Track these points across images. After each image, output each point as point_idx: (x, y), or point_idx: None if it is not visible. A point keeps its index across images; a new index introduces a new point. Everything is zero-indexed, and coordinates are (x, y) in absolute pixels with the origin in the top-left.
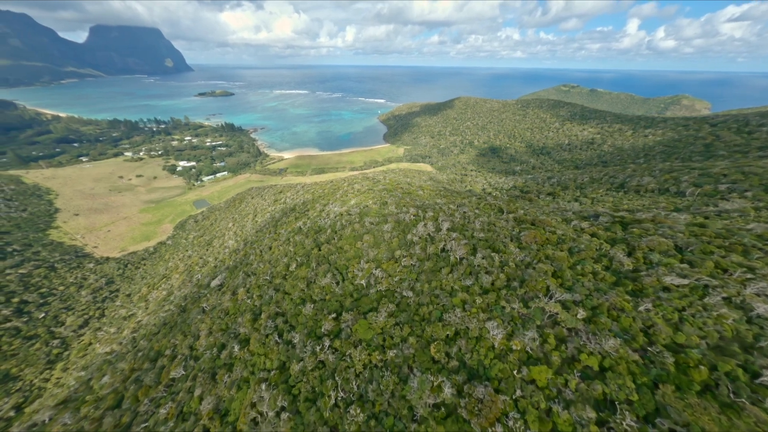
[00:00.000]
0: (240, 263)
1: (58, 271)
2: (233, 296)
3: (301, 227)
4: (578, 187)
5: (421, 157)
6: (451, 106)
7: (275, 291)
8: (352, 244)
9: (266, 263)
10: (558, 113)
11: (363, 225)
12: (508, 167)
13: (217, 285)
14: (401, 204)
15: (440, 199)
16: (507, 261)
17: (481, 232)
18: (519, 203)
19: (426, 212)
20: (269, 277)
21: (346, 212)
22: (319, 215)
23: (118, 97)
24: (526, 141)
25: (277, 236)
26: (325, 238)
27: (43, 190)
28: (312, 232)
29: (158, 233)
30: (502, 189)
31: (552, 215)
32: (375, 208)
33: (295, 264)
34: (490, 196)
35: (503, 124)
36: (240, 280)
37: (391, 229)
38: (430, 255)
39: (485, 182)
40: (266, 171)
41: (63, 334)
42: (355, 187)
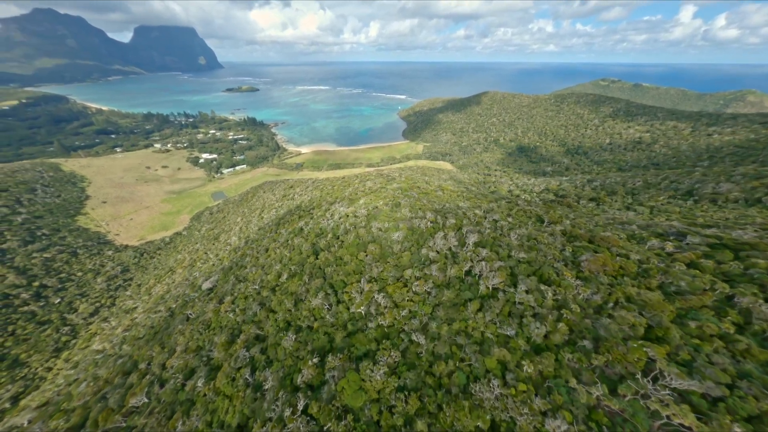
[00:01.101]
0: (235, 265)
1: (79, 257)
2: (218, 306)
3: (302, 227)
4: (629, 192)
5: (441, 155)
6: (477, 101)
7: (260, 306)
8: (354, 255)
9: (259, 268)
10: (598, 109)
11: (369, 231)
12: (537, 167)
13: (208, 289)
14: (416, 207)
15: (463, 202)
16: (566, 300)
17: (521, 251)
18: (560, 210)
19: (446, 218)
20: (258, 287)
21: (352, 214)
22: (323, 215)
23: (155, 93)
24: (559, 139)
25: (276, 236)
26: (324, 244)
27: (78, 178)
28: (312, 235)
29: (176, 223)
30: (532, 191)
31: (610, 229)
32: (385, 211)
33: (287, 273)
34: (522, 200)
35: (533, 121)
36: (229, 285)
37: (402, 238)
38: (451, 279)
39: (511, 183)
40: (283, 165)
41: (74, 322)
42: (366, 185)
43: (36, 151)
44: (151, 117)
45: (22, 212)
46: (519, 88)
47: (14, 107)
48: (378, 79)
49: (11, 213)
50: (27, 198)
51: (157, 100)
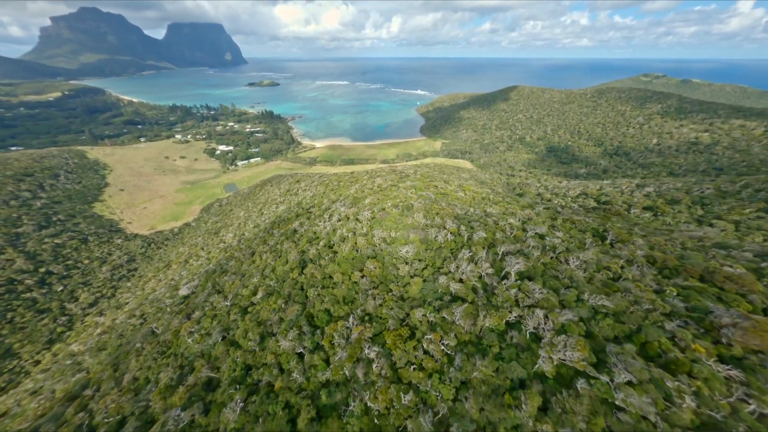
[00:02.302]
0: (219, 268)
1: (89, 244)
2: (184, 322)
3: (296, 229)
4: (697, 201)
5: (461, 153)
6: (504, 97)
7: (223, 335)
8: (348, 273)
9: (239, 277)
10: (643, 105)
11: (371, 241)
12: (568, 169)
13: (184, 296)
14: (433, 211)
15: (490, 206)
16: (712, 406)
17: (600, 295)
18: (618, 222)
19: (473, 229)
20: (230, 303)
21: (353, 216)
22: (321, 215)
23: (183, 86)
24: (595, 139)
25: (268, 238)
26: (315, 253)
27: (100, 166)
28: (304, 240)
29: (187, 214)
30: (566, 196)
31: (712, 256)
32: (394, 215)
33: (263, 291)
34: (564, 207)
35: (565, 118)
36: (203, 296)
37: (412, 255)
38: (484, 334)
39: (539, 185)
40: (297, 159)
41: (72, 312)
42: (375, 182)
43: (69, 139)
44: (176, 109)
45: (43, 197)
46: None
47: (57, 98)
48: (397, 74)
49: (32, 198)
50: (49, 183)
51: (183, 94)
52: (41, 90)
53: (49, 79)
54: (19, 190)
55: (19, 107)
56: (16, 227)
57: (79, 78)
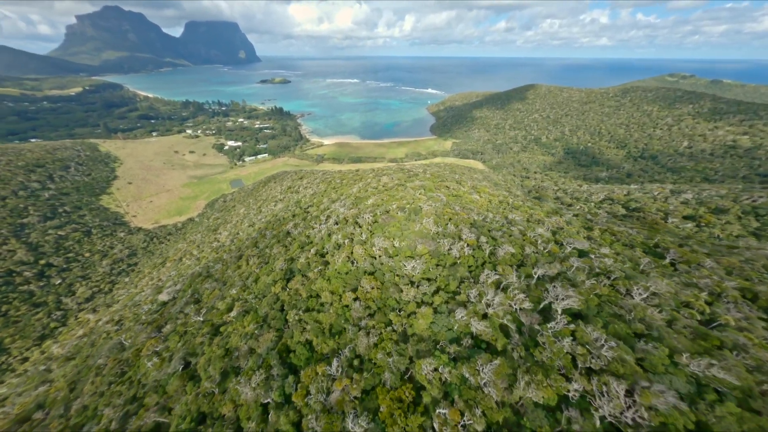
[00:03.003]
0: (204, 273)
1: (92, 237)
2: (147, 340)
3: (289, 231)
4: (749, 212)
5: (472, 153)
6: (520, 96)
7: (183, 363)
8: (337, 293)
9: (220, 286)
10: (672, 105)
11: (369, 251)
12: (588, 172)
13: (163, 302)
14: (445, 216)
15: (512, 212)
16: None
17: (702, 357)
18: (670, 237)
19: (496, 241)
20: (202, 319)
21: (352, 219)
22: (317, 216)
23: (197, 83)
24: (618, 140)
25: (260, 239)
26: (303, 263)
27: (111, 158)
28: (296, 244)
29: (191, 209)
30: (588, 201)
31: None
32: (399, 219)
33: (240, 308)
34: (594, 214)
35: (585, 118)
36: (179, 305)
37: (419, 273)
38: (525, 410)
39: (556, 188)
40: (304, 156)
41: (68, 306)
42: (380, 181)
43: (86, 132)
44: (188, 105)
45: (51, 188)
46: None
47: (78, 93)
48: (409, 73)
49: (41, 188)
50: (59, 175)
51: (197, 90)
52: (64, 85)
53: (73, 75)
54: (29, 180)
55: (43, 101)
56: (22, 218)
57: (101, 74)
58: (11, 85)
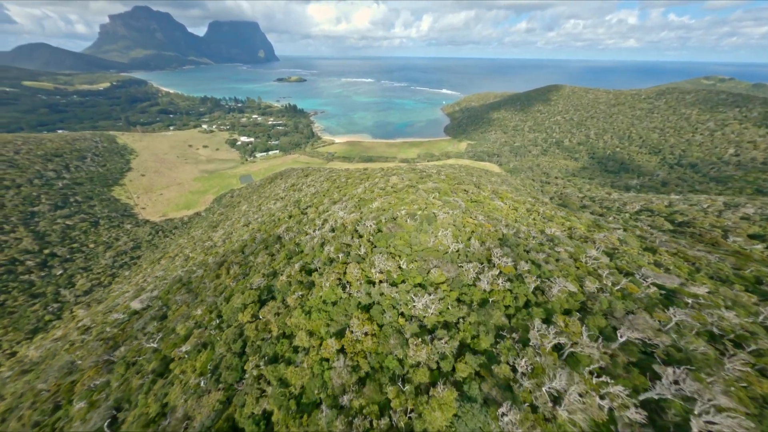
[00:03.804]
0: (182, 281)
1: (98, 228)
2: (93, 367)
3: (281, 236)
4: None
5: (488, 155)
6: (543, 97)
7: (112, 414)
8: (317, 336)
9: (189, 301)
10: (715, 109)
11: (367, 273)
12: (616, 179)
13: (134, 311)
14: (466, 228)
15: (546, 224)
16: None
17: None
18: (755, 264)
19: (543, 271)
20: (154, 348)
21: (350, 226)
22: (314, 219)
23: (217, 80)
24: (651, 145)
25: (249, 243)
26: (284, 282)
27: (127, 150)
28: (284, 253)
29: (200, 203)
30: (620, 210)
31: None
32: (408, 229)
33: (195, 340)
34: (639, 228)
35: (613, 121)
36: (143, 321)
37: (435, 311)
38: None
39: (581, 195)
40: (315, 153)
41: (65, 299)
42: (389, 181)
43: (108, 125)
44: (206, 101)
45: (66, 178)
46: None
47: (106, 88)
48: (424, 73)
49: (56, 178)
50: (75, 165)
51: (216, 87)
52: (94, 80)
53: (102, 71)
54: (46, 169)
55: (73, 95)
56: (34, 206)
57: (129, 71)
58: (46, 79)
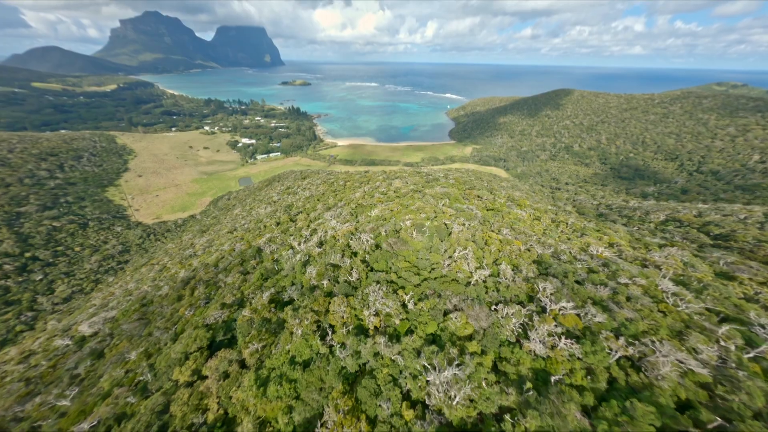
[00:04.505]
0: (145, 300)
1: (87, 230)
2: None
3: (261, 248)
4: None
5: (494, 160)
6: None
7: None
8: (273, 427)
9: (134, 335)
10: (735, 113)
11: (358, 312)
12: (631, 185)
13: (78, 339)
14: (488, 244)
15: (582, 239)
16: None
17: None
18: None
19: (620, 320)
20: (65, 405)
21: (343, 240)
22: (301, 229)
23: (222, 83)
24: (667, 151)
25: (225, 256)
26: (245, 322)
27: (126, 151)
28: (257, 276)
29: (196, 205)
30: (644, 220)
31: None
32: (414, 245)
33: (108, 411)
34: (687, 241)
35: (625, 126)
36: (75, 360)
37: (462, 398)
38: None
39: (596, 203)
40: (317, 156)
41: (42, 307)
42: (392, 185)
43: (111, 125)
44: (210, 103)
45: (59, 177)
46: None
47: (113, 90)
48: (428, 78)
49: (48, 177)
50: (70, 164)
51: (221, 89)
52: (101, 82)
53: (111, 73)
54: (38, 168)
55: (80, 96)
56: (21, 206)
57: (137, 74)
58: (55, 81)
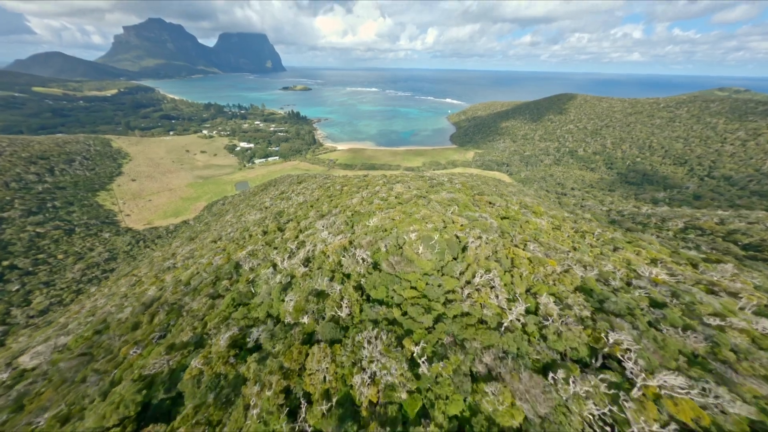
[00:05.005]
0: (103, 324)
1: (73, 236)
2: None
3: (240, 264)
4: None
5: (497, 164)
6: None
7: None
8: None
9: (66, 379)
10: (744, 117)
11: (346, 374)
12: (639, 191)
13: (18, 373)
14: (516, 265)
15: (626, 257)
16: None
17: None
18: None
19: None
20: None
21: (334, 256)
22: (286, 242)
23: (223, 88)
24: (675, 156)
25: (200, 272)
26: (190, 382)
27: (121, 154)
28: (227, 302)
29: (189, 210)
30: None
31: None
32: (422, 266)
33: None
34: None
35: (630, 130)
36: (16, 393)
37: None
38: None
39: (605, 209)
40: (316, 161)
41: (15, 320)
42: (393, 190)
43: (109, 129)
44: (210, 107)
45: (48, 181)
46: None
47: (113, 95)
48: (429, 84)
49: (37, 181)
50: (61, 168)
51: (222, 94)
52: (102, 87)
53: (113, 78)
54: (27, 172)
55: (80, 101)
56: (4, 211)
57: (139, 79)
58: (56, 86)
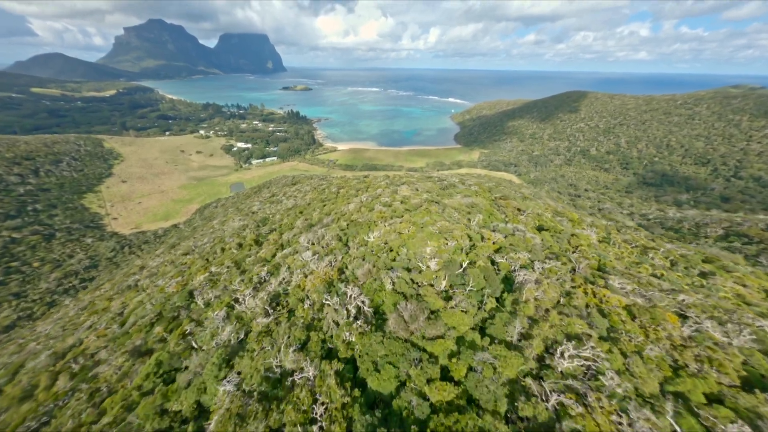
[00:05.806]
0: (15, 372)
1: (53, 241)
2: None
3: (194, 295)
4: None
5: (504, 165)
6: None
7: None
8: None
9: None
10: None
11: None
12: (659, 192)
13: None
14: (607, 312)
15: (706, 283)
16: None
17: None
18: None
19: None
20: None
21: (314, 296)
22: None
23: (223, 89)
24: (696, 155)
25: (146, 302)
26: None
27: (113, 155)
28: (142, 378)
29: (181, 213)
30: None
31: None
32: (455, 324)
33: None
34: None
35: (646, 128)
36: None
37: None
38: None
39: (626, 212)
40: (315, 161)
41: None
42: (398, 193)
43: (104, 129)
44: (208, 107)
45: (31, 183)
46: None
47: (112, 95)
48: (431, 83)
49: (19, 183)
50: (47, 169)
51: (222, 95)
52: (101, 88)
53: (112, 79)
54: (9, 173)
55: (78, 101)
56: None
57: (139, 80)
58: (54, 86)
